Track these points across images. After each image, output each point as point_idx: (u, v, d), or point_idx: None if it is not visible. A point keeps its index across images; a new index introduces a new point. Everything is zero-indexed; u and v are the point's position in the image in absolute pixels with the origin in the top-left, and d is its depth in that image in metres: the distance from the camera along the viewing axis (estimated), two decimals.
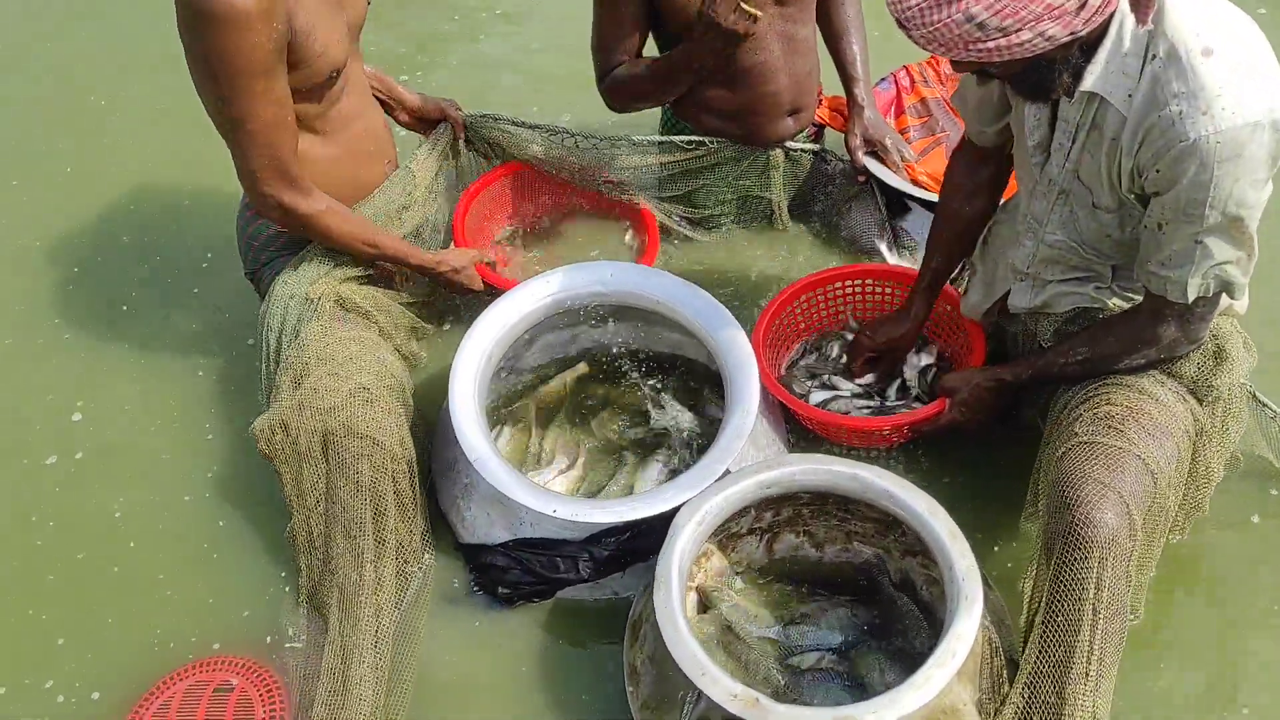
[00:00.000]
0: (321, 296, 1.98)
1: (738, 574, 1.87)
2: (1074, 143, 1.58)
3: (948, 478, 2.05)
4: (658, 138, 2.40)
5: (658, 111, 2.48)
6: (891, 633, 1.77)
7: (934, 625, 1.75)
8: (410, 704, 1.78)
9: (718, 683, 1.48)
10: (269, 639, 1.89)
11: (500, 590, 1.87)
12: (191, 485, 2.15)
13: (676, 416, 2.11)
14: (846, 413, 2.06)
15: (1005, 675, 1.59)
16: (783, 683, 1.68)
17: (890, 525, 1.82)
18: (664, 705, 1.61)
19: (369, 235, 1.99)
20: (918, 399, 2.11)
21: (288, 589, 1.96)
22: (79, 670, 1.89)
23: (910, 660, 1.71)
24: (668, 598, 1.59)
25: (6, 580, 2.03)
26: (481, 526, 1.94)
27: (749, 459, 1.93)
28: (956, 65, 1.46)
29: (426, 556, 1.94)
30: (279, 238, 2.07)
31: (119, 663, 1.89)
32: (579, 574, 1.83)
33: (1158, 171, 1.45)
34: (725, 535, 1.85)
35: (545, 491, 1.84)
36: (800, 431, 2.12)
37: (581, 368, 2.22)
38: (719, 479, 1.74)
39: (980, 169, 1.90)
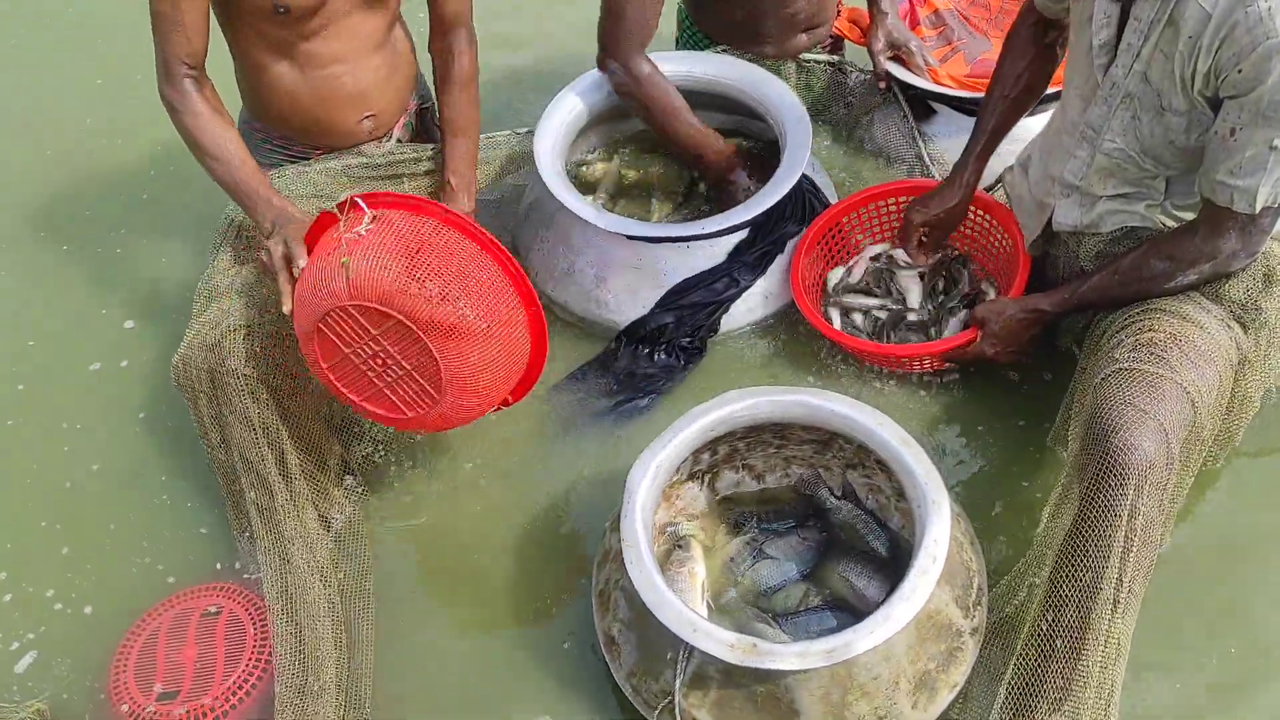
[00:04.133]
0: (231, 222, 1.97)
1: (686, 519, 1.84)
2: (1145, 41, 1.52)
3: (974, 404, 2.02)
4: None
5: (673, 24, 2.51)
6: (846, 542, 1.79)
7: (885, 529, 1.79)
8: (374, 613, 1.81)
9: (711, 636, 1.45)
10: (225, 566, 1.94)
11: (657, 356, 2.11)
12: None
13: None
14: (870, 325, 2.08)
15: (975, 567, 1.63)
16: (774, 628, 1.66)
17: (827, 443, 1.82)
18: (652, 669, 1.57)
19: (222, 154, 1.83)
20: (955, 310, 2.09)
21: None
22: (76, 581, 1.92)
23: (875, 561, 1.73)
24: (639, 560, 1.54)
25: (28, 485, 2.08)
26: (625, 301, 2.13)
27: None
28: None
29: (348, 479, 1.97)
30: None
31: (112, 576, 1.92)
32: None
33: (1239, 72, 1.41)
34: (666, 485, 1.80)
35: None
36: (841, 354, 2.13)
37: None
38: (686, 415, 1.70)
39: (1047, 32, 1.86)
